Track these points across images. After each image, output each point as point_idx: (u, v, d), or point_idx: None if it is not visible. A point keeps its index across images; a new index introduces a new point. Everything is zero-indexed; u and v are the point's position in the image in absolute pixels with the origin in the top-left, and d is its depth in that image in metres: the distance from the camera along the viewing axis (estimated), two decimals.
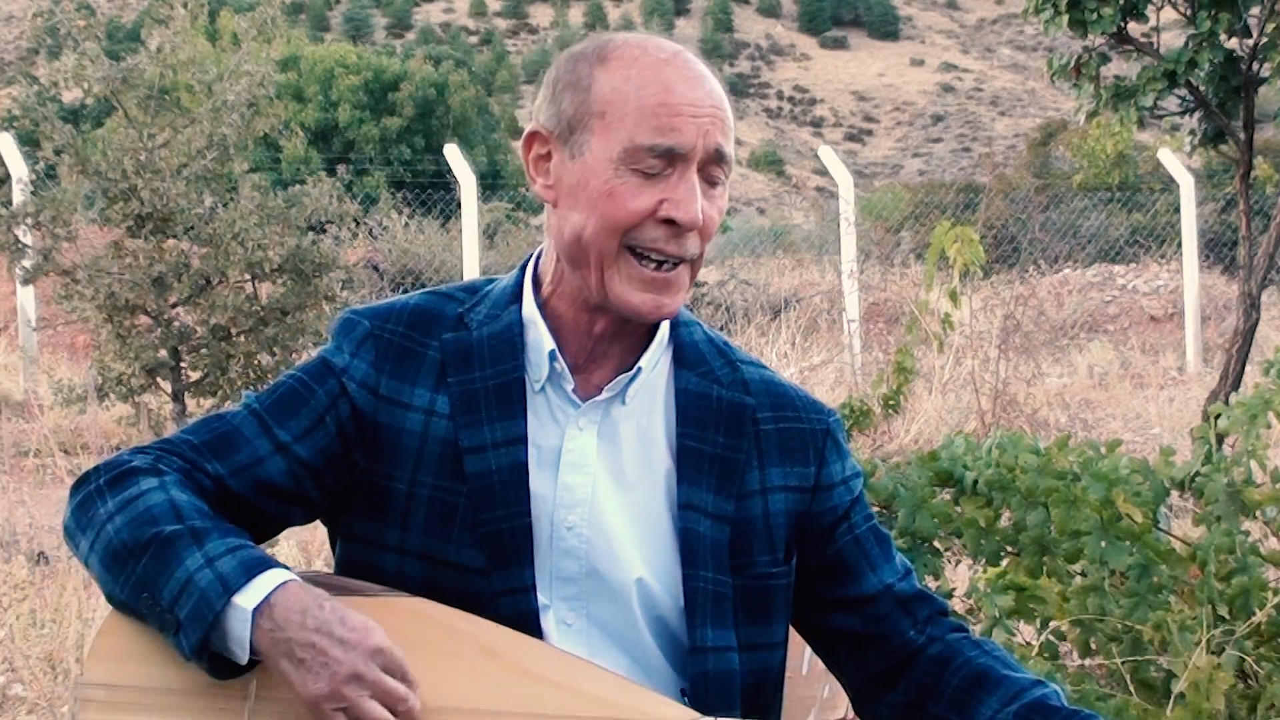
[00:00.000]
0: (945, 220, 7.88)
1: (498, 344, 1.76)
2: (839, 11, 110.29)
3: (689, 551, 1.74)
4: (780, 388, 1.85)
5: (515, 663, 1.64)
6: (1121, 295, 15.64)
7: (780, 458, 1.80)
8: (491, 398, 1.74)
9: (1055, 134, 31.64)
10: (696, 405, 1.78)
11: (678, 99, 1.67)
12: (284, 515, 1.76)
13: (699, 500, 1.75)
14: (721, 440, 1.78)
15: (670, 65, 1.69)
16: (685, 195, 1.67)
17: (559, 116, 1.72)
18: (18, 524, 5.71)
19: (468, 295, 1.81)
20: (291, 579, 1.60)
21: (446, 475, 1.73)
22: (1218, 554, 2.99)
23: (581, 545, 1.74)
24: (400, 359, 1.76)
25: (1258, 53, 7.09)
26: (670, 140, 1.67)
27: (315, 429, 1.73)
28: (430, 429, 1.74)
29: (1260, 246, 7.12)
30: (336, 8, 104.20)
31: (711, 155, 1.69)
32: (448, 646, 1.65)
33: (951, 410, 8.43)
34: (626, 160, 1.67)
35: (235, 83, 7.35)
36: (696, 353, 1.82)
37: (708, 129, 1.68)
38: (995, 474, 3.12)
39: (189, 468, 1.70)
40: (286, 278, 7.32)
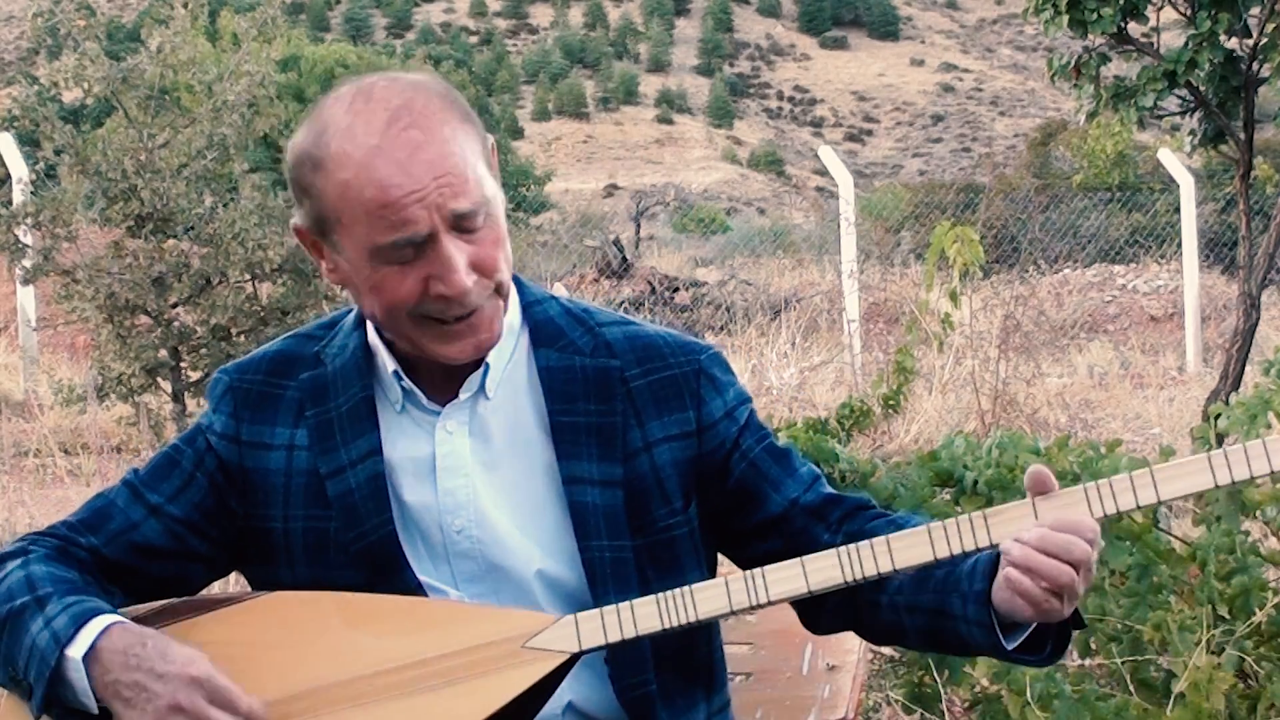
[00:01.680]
0: (945, 220, 7.89)
1: (347, 372, 1.81)
2: (839, 11, 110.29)
3: (581, 524, 1.77)
4: (645, 339, 1.84)
5: (373, 623, 1.69)
6: (1121, 295, 15.64)
7: (657, 410, 1.81)
8: (345, 421, 1.80)
9: (1055, 134, 31.61)
10: (562, 380, 1.80)
11: (396, 193, 1.64)
12: (181, 574, 1.82)
13: (583, 471, 1.77)
14: (594, 408, 1.79)
15: (381, 154, 1.65)
16: (443, 269, 1.67)
17: (309, 218, 1.73)
18: (18, 524, 5.71)
19: (325, 332, 1.86)
20: (116, 622, 1.66)
21: (314, 504, 1.79)
22: (1218, 554, 2.99)
23: (474, 546, 1.78)
24: (259, 405, 1.83)
25: (1258, 53, 7.09)
26: (406, 233, 1.65)
27: (187, 487, 1.81)
28: (293, 463, 1.80)
29: (1260, 246, 7.12)
30: (336, 8, 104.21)
31: (452, 222, 1.66)
32: (308, 627, 1.70)
33: (951, 410, 8.42)
34: (377, 257, 1.67)
35: (235, 83, 7.34)
36: (553, 328, 1.83)
37: (437, 203, 1.65)
38: (995, 474, 3.12)
39: (63, 544, 1.78)
40: (286, 278, 7.32)
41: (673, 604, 1.64)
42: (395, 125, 1.66)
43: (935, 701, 3.17)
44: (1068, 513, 1.62)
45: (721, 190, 74.61)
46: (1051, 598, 1.60)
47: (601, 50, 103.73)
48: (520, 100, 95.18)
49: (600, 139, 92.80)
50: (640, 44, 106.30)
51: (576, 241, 18.55)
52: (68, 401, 7.49)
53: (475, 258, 1.68)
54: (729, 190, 76.42)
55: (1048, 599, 1.60)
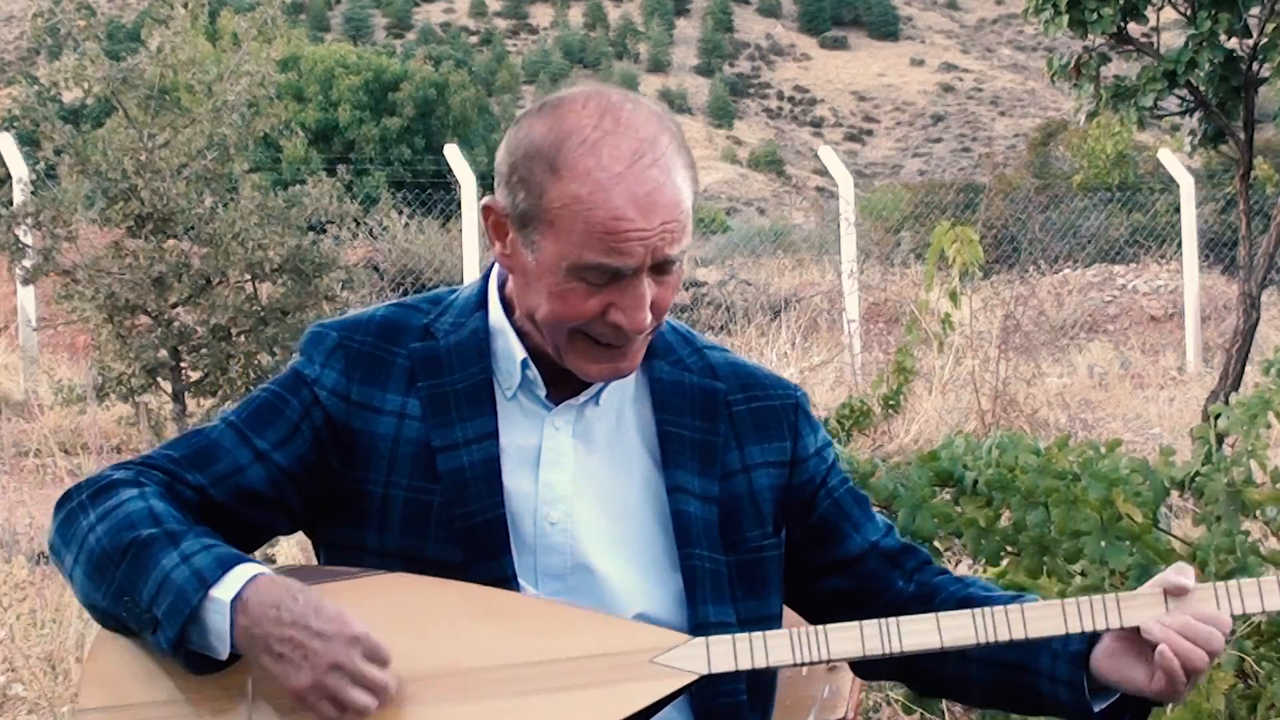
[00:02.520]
0: (945, 220, 7.89)
1: (465, 350, 1.81)
2: (839, 11, 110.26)
3: (683, 532, 1.78)
4: (745, 369, 1.90)
5: (496, 618, 1.67)
6: (1121, 295, 15.64)
7: (757, 436, 1.85)
8: (461, 399, 1.79)
9: (1055, 134, 31.60)
10: (671, 393, 1.83)
11: (626, 224, 1.67)
12: (268, 524, 1.80)
13: (686, 483, 1.80)
14: (699, 424, 1.83)
15: (622, 183, 1.67)
16: (631, 303, 1.70)
17: (514, 206, 1.74)
18: (18, 524, 5.71)
19: (431, 306, 1.86)
20: (264, 572, 1.64)
21: (420, 475, 1.78)
22: (1218, 554, 2.99)
23: (566, 540, 1.78)
24: (370, 366, 1.81)
25: (1258, 53, 7.09)
26: (617, 262, 1.68)
27: (292, 437, 1.79)
28: (403, 431, 1.79)
29: (1260, 246, 7.12)
30: (336, 8, 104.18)
31: (659, 265, 1.71)
32: (429, 613, 1.68)
33: (951, 410, 8.42)
34: (573, 272, 1.70)
35: (235, 83, 7.34)
36: (665, 343, 1.86)
37: (656, 246, 1.69)
38: (995, 474, 3.12)
39: (170, 480, 1.75)
40: (287, 278, 7.32)
41: (807, 640, 1.66)
42: (641, 161, 1.68)
43: (935, 701, 3.17)
44: (1204, 606, 1.70)
45: (721, 190, 74.61)
46: (1186, 680, 1.69)
47: (601, 50, 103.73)
48: (520, 100, 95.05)
49: None
50: (640, 44, 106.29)
51: None
52: (68, 401, 7.48)
53: (658, 298, 1.72)
54: (729, 190, 76.42)
55: (1184, 681, 1.69)
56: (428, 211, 15.64)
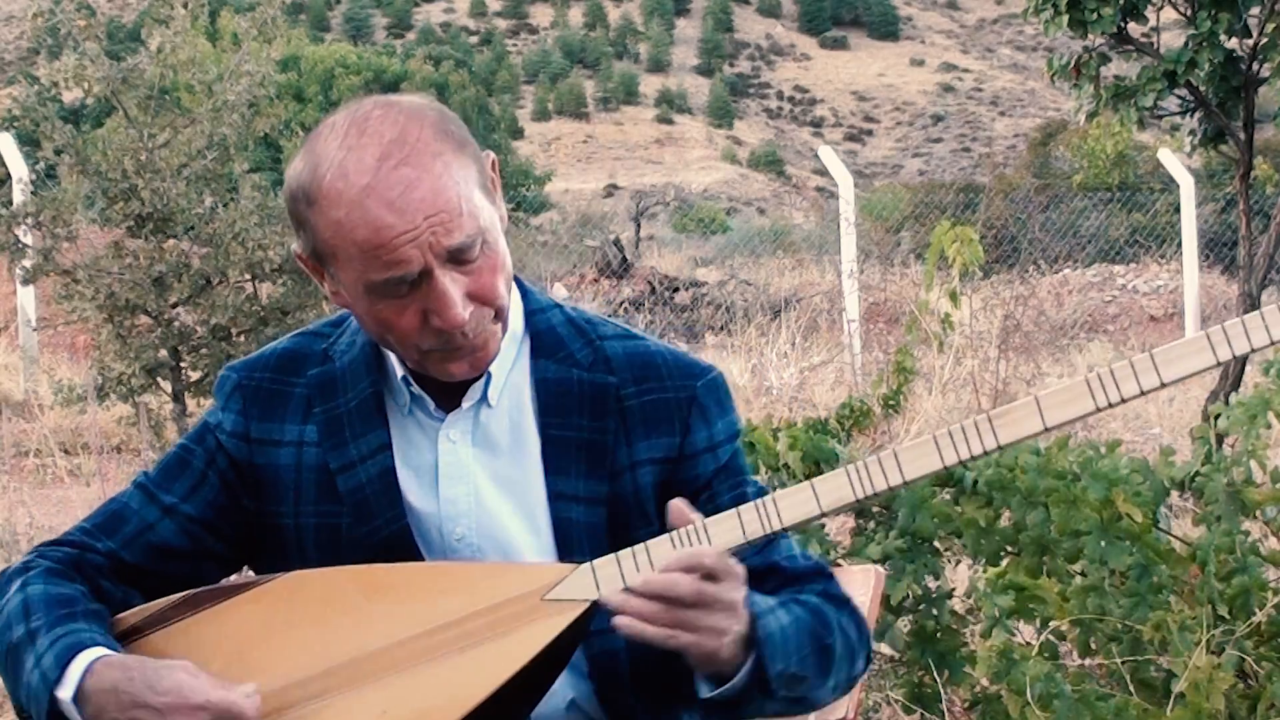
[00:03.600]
0: (945, 220, 7.90)
1: (355, 368, 1.81)
2: (839, 11, 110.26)
3: (563, 540, 1.77)
4: (646, 357, 1.82)
5: (391, 593, 1.68)
6: (1121, 295, 15.64)
7: (646, 431, 1.79)
8: (354, 417, 1.80)
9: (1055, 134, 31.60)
10: (556, 392, 1.79)
11: (386, 235, 1.63)
12: (194, 574, 1.81)
13: (569, 488, 1.77)
14: (586, 423, 1.78)
15: (373, 193, 1.64)
16: (439, 302, 1.66)
17: (305, 248, 1.74)
18: (18, 524, 5.71)
19: (332, 329, 1.86)
20: (99, 657, 1.63)
21: (325, 499, 1.79)
22: (1218, 554, 2.99)
23: (474, 554, 1.78)
24: (268, 402, 1.82)
25: (1258, 53, 7.09)
26: (399, 271, 1.65)
27: (200, 486, 1.81)
28: (302, 459, 1.80)
29: (1260, 246, 7.12)
30: (337, 8, 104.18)
31: (447, 258, 1.66)
32: (326, 605, 1.69)
33: (951, 410, 8.42)
34: (373, 293, 1.68)
35: (235, 83, 7.34)
36: (554, 338, 1.82)
37: (430, 243, 1.64)
38: (995, 474, 3.12)
39: (79, 552, 1.78)
40: (287, 278, 7.32)
41: (688, 539, 1.63)
42: (387, 163, 1.65)
43: (935, 701, 3.17)
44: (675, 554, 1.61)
45: (721, 190, 74.60)
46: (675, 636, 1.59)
47: (601, 50, 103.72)
48: (520, 100, 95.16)
49: (600, 139, 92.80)
50: (640, 44, 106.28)
51: (576, 241, 18.56)
52: (68, 401, 7.49)
53: (473, 288, 1.68)
54: (729, 190, 76.42)
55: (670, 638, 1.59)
56: None
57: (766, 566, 1.79)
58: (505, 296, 1.73)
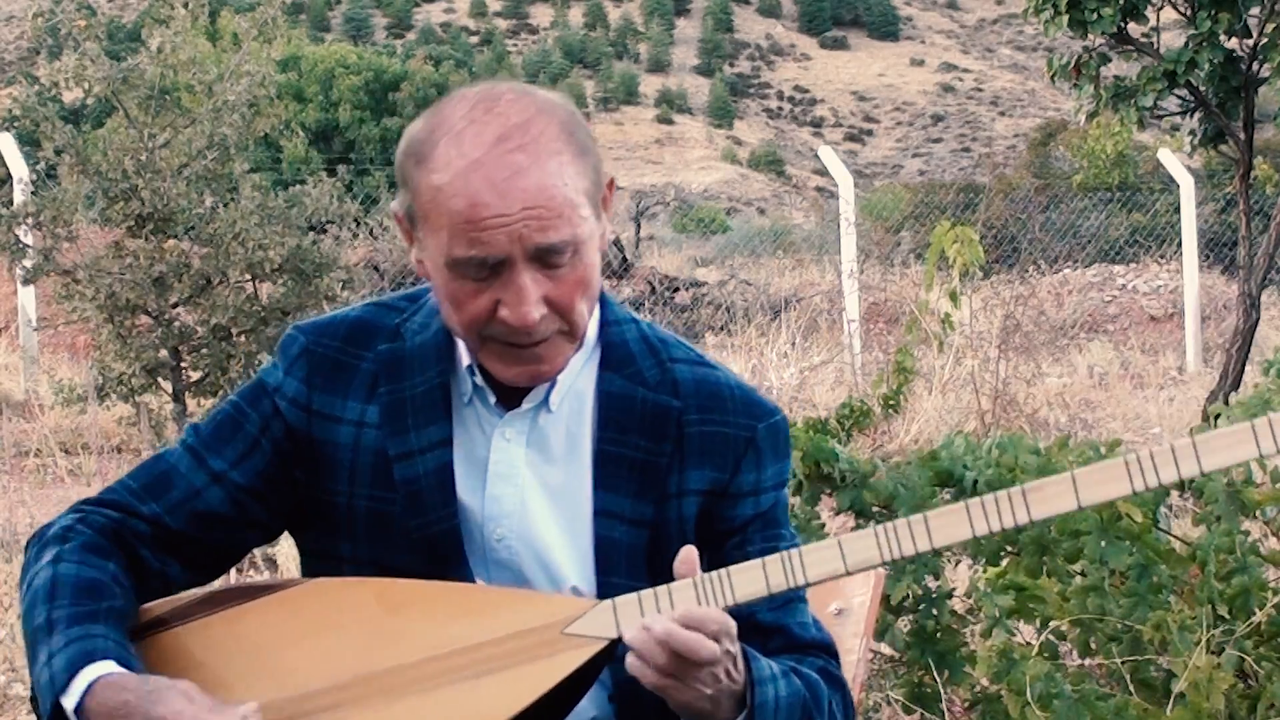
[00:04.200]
0: (945, 220, 7.89)
1: (426, 352, 1.77)
2: (839, 11, 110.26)
3: (603, 559, 1.74)
4: (714, 387, 1.79)
5: (411, 611, 1.66)
6: (1121, 295, 15.64)
7: (700, 460, 1.77)
8: (418, 405, 1.76)
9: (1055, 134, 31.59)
10: (619, 408, 1.76)
11: (482, 212, 1.60)
12: (237, 541, 1.79)
13: (616, 506, 1.75)
14: (643, 444, 1.76)
15: (480, 169, 1.61)
16: (513, 297, 1.63)
17: (403, 206, 1.71)
18: (18, 524, 5.71)
19: (408, 304, 1.82)
20: (104, 675, 1.60)
21: (379, 484, 1.75)
22: (1218, 554, 2.99)
23: (512, 558, 1.75)
24: (333, 373, 1.77)
25: (1258, 53, 7.10)
26: (482, 252, 1.62)
27: (251, 453, 1.77)
28: (361, 440, 1.76)
29: (1260, 246, 7.13)
30: (337, 8, 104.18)
31: (534, 254, 1.62)
32: (352, 617, 1.67)
33: (951, 410, 8.42)
34: (452, 268, 1.65)
35: (236, 83, 7.34)
36: (625, 353, 1.79)
37: (521, 234, 1.61)
38: (995, 474, 3.12)
39: (122, 516, 1.74)
40: (287, 278, 7.32)
41: (711, 586, 1.61)
42: (503, 144, 1.62)
43: (935, 701, 3.17)
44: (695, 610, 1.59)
45: (721, 190, 74.60)
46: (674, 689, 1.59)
47: (601, 50, 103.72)
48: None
49: (600, 139, 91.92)
50: (640, 44, 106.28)
51: None
52: (68, 401, 7.49)
53: (552, 294, 1.65)
54: (729, 190, 76.41)
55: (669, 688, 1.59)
56: None
57: (777, 626, 1.78)
58: (583, 315, 1.69)
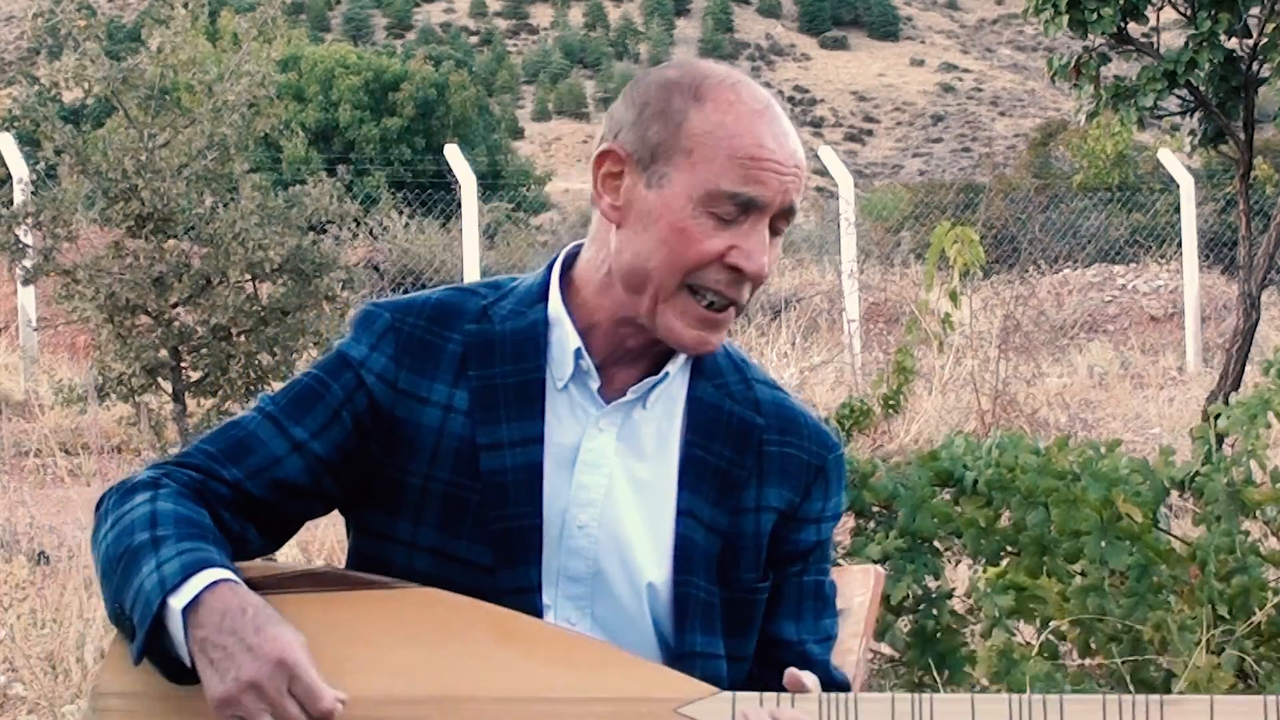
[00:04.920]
0: (945, 220, 7.90)
1: (520, 340, 1.76)
2: (839, 11, 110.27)
3: (684, 558, 1.75)
4: (791, 411, 1.85)
5: (528, 648, 1.63)
6: (1121, 295, 15.63)
7: (778, 480, 1.80)
8: (511, 395, 1.74)
9: (1055, 134, 31.57)
10: (708, 415, 1.79)
11: (768, 153, 1.71)
12: (305, 510, 1.78)
13: (698, 509, 1.77)
14: (727, 453, 1.79)
15: (763, 118, 1.73)
16: (755, 246, 1.71)
17: (643, 142, 1.72)
18: (18, 524, 5.71)
19: (491, 290, 1.81)
20: (226, 579, 1.60)
21: (462, 471, 1.73)
22: (1218, 554, 2.99)
23: (590, 545, 1.75)
24: (420, 352, 1.76)
25: (1258, 53, 7.09)
26: (754, 191, 1.70)
27: (331, 424, 1.75)
28: (447, 424, 1.74)
29: (1260, 246, 7.12)
30: (337, 8, 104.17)
31: (785, 210, 1.73)
32: (459, 634, 1.64)
33: (951, 410, 8.42)
34: (705, 202, 1.70)
35: (235, 83, 7.34)
36: (714, 365, 1.82)
37: (788, 186, 1.71)
38: (995, 474, 3.12)
39: (204, 478, 1.73)
40: (287, 278, 7.32)
41: (836, 706, 1.62)
42: (772, 109, 1.75)
43: None
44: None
45: None
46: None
47: (601, 50, 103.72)
48: (520, 100, 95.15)
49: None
50: (640, 44, 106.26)
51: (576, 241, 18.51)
52: (68, 401, 7.48)
53: (769, 256, 1.73)
54: None
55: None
56: (428, 211, 15.63)
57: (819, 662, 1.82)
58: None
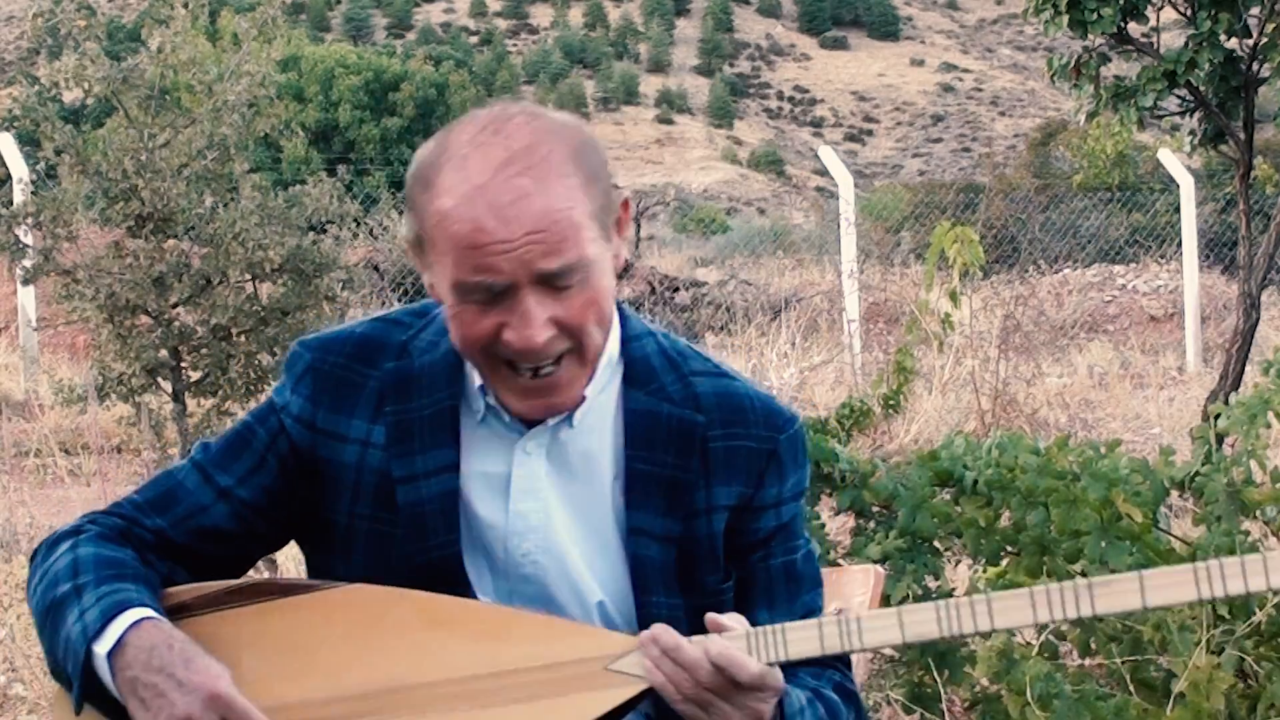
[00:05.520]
0: (945, 220, 7.90)
1: (435, 373, 1.76)
2: (839, 11, 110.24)
3: (640, 578, 1.75)
4: (735, 399, 1.79)
5: (456, 629, 1.65)
6: (1121, 295, 15.64)
7: (726, 476, 1.77)
8: (425, 426, 1.75)
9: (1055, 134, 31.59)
10: (645, 424, 1.76)
11: (485, 238, 1.59)
12: (243, 553, 1.80)
13: (648, 524, 1.75)
14: (670, 460, 1.75)
15: (484, 194, 1.60)
16: (519, 321, 1.62)
17: (410, 232, 1.70)
18: (18, 524, 5.72)
19: (416, 320, 1.81)
20: (147, 617, 1.62)
21: (381, 506, 1.75)
22: (1217, 554, 2.99)
23: (538, 572, 1.75)
24: (338, 390, 1.77)
25: (1258, 53, 7.09)
26: (487, 279, 1.61)
27: (258, 469, 1.78)
28: (365, 460, 1.75)
29: (1260, 246, 7.12)
30: (337, 8, 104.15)
31: (538, 279, 1.61)
32: (388, 627, 1.66)
33: (951, 410, 8.42)
34: (459, 293, 1.64)
35: (236, 83, 7.34)
36: (647, 368, 1.78)
37: (524, 259, 1.60)
38: (995, 474, 3.12)
39: (127, 524, 1.76)
40: (287, 278, 7.31)
41: (763, 641, 1.61)
42: (508, 169, 1.61)
43: (935, 701, 3.17)
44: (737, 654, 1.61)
45: (721, 190, 74.60)
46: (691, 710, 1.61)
47: (601, 50, 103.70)
48: (520, 100, 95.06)
49: (600, 139, 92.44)
50: (640, 44, 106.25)
51: None
52: (68, 401, 7.48)
53: (561, 316, 1.63)
54: (729, 190, 76.41)
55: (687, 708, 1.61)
56: None
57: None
58: (594, 337, 1.67)
